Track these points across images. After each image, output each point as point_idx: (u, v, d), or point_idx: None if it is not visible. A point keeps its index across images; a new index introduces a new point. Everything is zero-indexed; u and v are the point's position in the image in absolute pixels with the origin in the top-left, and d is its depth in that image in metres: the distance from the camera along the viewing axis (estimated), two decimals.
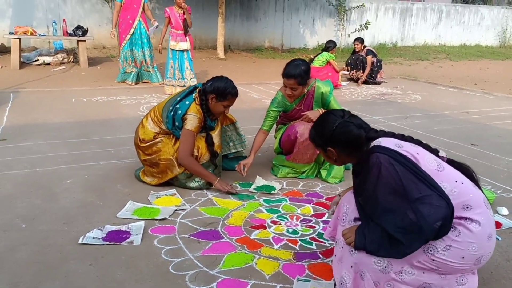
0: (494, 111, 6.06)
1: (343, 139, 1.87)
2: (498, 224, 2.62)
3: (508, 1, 29.08)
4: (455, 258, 1.64)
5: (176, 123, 2.99)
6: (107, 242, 2.32)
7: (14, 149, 3.81)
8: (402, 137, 1.86)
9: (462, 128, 5.05)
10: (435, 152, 1.85)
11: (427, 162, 1.70)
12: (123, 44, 7.22)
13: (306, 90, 3.25)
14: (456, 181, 1.70)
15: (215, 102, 3.00)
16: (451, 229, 1.64)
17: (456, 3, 19.60)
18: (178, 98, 3.04)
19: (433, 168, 1.69)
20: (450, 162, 1.85)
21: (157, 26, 7.22)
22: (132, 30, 7.12)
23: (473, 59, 13.62)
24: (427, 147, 1.85)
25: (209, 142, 3.06)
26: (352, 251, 1.75)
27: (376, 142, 1.78)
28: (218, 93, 2.98)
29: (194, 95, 3.03)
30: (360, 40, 8.51)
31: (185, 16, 6.49)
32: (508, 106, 6.45)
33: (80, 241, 2.31)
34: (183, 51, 6.61)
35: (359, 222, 1.78)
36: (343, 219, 1.86)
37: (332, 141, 1.90)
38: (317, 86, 3.29)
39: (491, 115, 5.82)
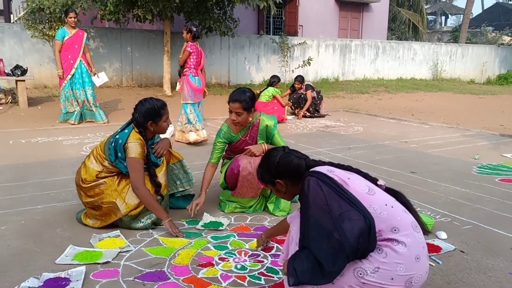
0: (430, 140, 6.42)
1: (287, 169, 2.03)
2: (437, 248, 2.73)
3: (438, 38, 31.47)
4: (385, 279, 1.71)
5: (119, 154, 2.91)
6: None
7: None
8: (339, 166, 2.00)
9: (401, 157, 5.29)
10: (374, 180, 1.97)
11: (357, 186, 1.85)
12: (63, 84, 7.05)
13: (251, 120, 3.32)
14: (386, 205, 1.82)
15: (155, 126, 2.97)
16: (378, 251, 1.73)
17: (391, 40, 20.92)
18: (119, 130, 3.00)
19: (364, 192, 1.83)
20: (387, 190, 1.99)
21: (98, 76, 7.25)
22: (73, 70, 6.98)
23: (410, 92, 14.45)
24: (365, 176, 1.99)
25: (151, 173, 3.00)
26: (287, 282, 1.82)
27: (311, 169, 1.93)
28: (151, 117, 2.94)
29: (132, 124, 3.00)
30: (299, 79, 8.81)
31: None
32: (442, 135, 6.86)
33: None
34: None
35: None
36: (291, 242, 1.94)
37: (277, 173, 2.05)
38: (262, 119, 3.37)
39: (427, 143, 6.15)
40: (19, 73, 8.47)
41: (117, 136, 2.95)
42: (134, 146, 2.88)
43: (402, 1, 24.74)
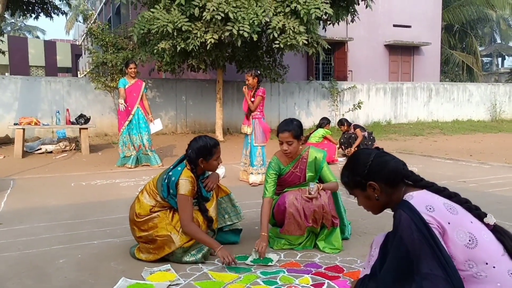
0: (491, 180, 6.08)
1: (382, 170, 1.74)
2: None
3: (495, 79, 30.45)
4: None
5: (171, 191, 3.00)
6: None
7: (8, 232, 3.78)
8: (441, 192, 1.73)
9: None
10: (481, 216, 1.68)
11: (456, 235, 1.56)
12: (121, 130, 7.44)
13: (300, 151, 3.34)
14: (487, 264, 1.52)
15: (206, 163, 3.04)
16: None
17: (444, 81, 20.48)
18: (171, 167, 3.10)
19: (462, 244, 1.55)
20: (496, 231, 1.66)
21: (154, 123, 7.58)
22: (131, 117, 7.36)
23: (467, 133, 13.91)
24: (472, 209, 1.70)
25: (202, 209, 3.05)
26: None
27: (407, 196, 1.67)
28: (203, 154, 3.02)
29: (185, 161, 3.09)
30: (341, 122, 8.78)
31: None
32: (505, 174, 6.49)
33: None
34: (247, 135, 6.23)
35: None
36: (369, 261, 1.81)
37: (371, 174, 1.75)
38: (311, 151, 3.40)
39: (488, 183, 5.83)
40: (82, 122, 9.06)
41: (170, 173, 3.05)
42: (185, 183, 2.97)
43: (454, 44, 24.41)
